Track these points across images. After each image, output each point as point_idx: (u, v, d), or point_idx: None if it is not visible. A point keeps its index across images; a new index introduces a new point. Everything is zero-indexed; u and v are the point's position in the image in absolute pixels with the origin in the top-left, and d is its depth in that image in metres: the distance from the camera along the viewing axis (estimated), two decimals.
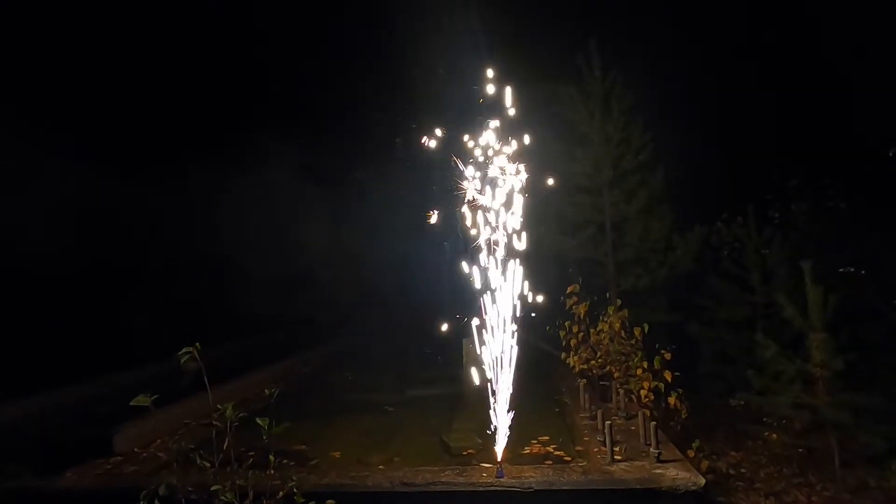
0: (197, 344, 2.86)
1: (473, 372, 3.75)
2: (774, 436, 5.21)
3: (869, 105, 8.84)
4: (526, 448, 4.53)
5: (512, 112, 3.84)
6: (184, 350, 2.86)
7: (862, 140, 8.83)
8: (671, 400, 5.44)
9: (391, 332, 10.25)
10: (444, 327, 4.50)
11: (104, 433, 4.45)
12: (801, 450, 5.01)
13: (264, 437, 2.84)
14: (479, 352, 3.74)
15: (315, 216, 10.50)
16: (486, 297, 3.67)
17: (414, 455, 4.58)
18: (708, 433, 5.81)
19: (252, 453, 3.02)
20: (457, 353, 6.63)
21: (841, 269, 7.38)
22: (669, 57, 9.92)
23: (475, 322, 3.70)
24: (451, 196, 3.83)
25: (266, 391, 3.10)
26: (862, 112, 8.99)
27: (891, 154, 5.28)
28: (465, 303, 3.80)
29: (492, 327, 3.67)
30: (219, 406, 2.84)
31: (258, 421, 2.83)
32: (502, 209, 3.78)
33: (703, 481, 3.46)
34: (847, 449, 4.66)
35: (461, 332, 5.02)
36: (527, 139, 3.86)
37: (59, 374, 5.98)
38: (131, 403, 2.82)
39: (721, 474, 5.09)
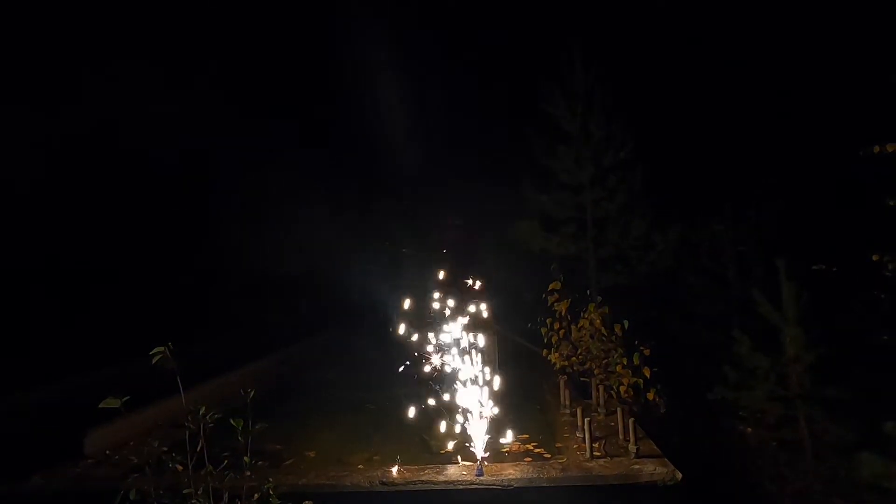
0: (170, 343, 2.78)
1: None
2: (749, 429, 5.31)
3: (841, 105, 9.05)
4: (506, 445, 4.53)
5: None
6: (155, 350, 2.78)
7: (834, 140, 9.04)
8: (650, 395, 5.51)
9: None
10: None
11: (74, 435, 4.31)
12: (774, 443, 5.11)
13: (240, 438, 2.78)
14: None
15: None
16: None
17: (394, 453, 4.55)
18: (686, 427, 5.88)
19: (227, 454, 2.95)
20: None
21: (814, 267, 7.55)
22: (649, 57, 10.02)
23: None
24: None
25: (242, 391, 3.03)
26: (835, 112, 9.20)
27: (861, 154, 5.41)
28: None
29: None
30: (192, 407, 2.77)
31: (232, 422, 2.76)
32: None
33: (680, 476, 3.50)
34: (819, 441, 4.77)
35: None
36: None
37: (26, 374, 5.78)
38: (100, 406, 2.72)
39: (698, 468, 5.17)
